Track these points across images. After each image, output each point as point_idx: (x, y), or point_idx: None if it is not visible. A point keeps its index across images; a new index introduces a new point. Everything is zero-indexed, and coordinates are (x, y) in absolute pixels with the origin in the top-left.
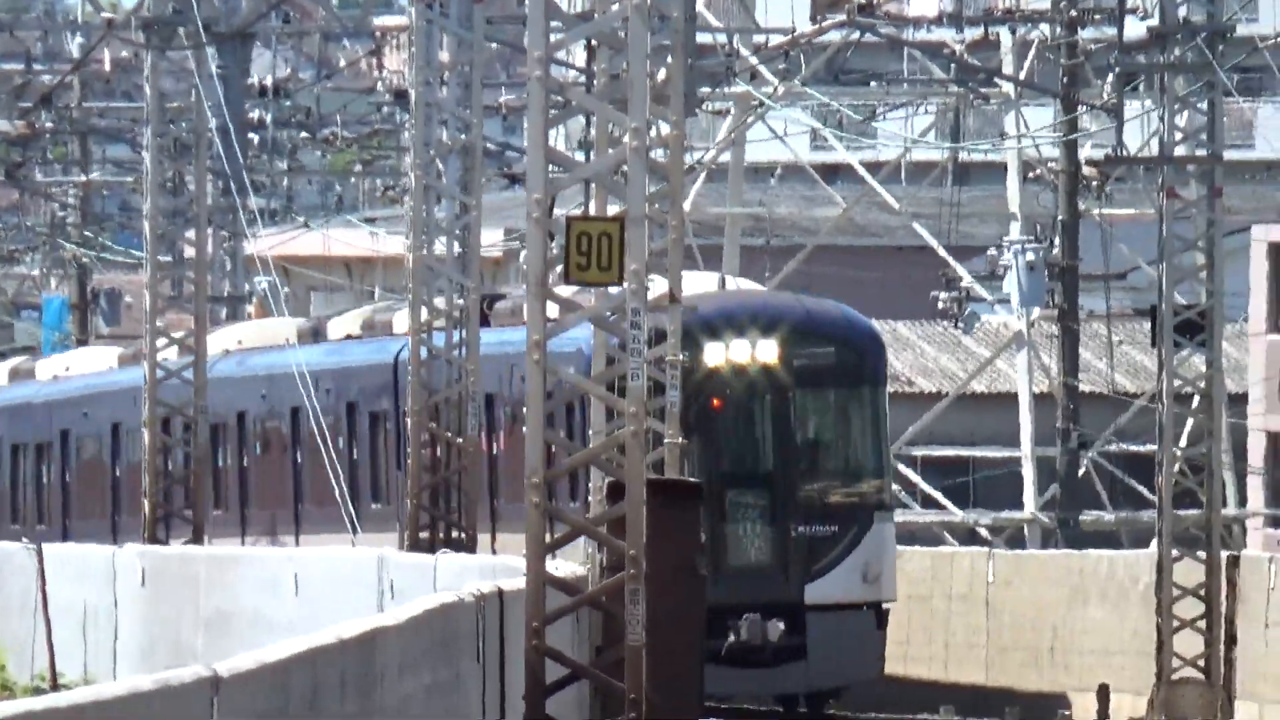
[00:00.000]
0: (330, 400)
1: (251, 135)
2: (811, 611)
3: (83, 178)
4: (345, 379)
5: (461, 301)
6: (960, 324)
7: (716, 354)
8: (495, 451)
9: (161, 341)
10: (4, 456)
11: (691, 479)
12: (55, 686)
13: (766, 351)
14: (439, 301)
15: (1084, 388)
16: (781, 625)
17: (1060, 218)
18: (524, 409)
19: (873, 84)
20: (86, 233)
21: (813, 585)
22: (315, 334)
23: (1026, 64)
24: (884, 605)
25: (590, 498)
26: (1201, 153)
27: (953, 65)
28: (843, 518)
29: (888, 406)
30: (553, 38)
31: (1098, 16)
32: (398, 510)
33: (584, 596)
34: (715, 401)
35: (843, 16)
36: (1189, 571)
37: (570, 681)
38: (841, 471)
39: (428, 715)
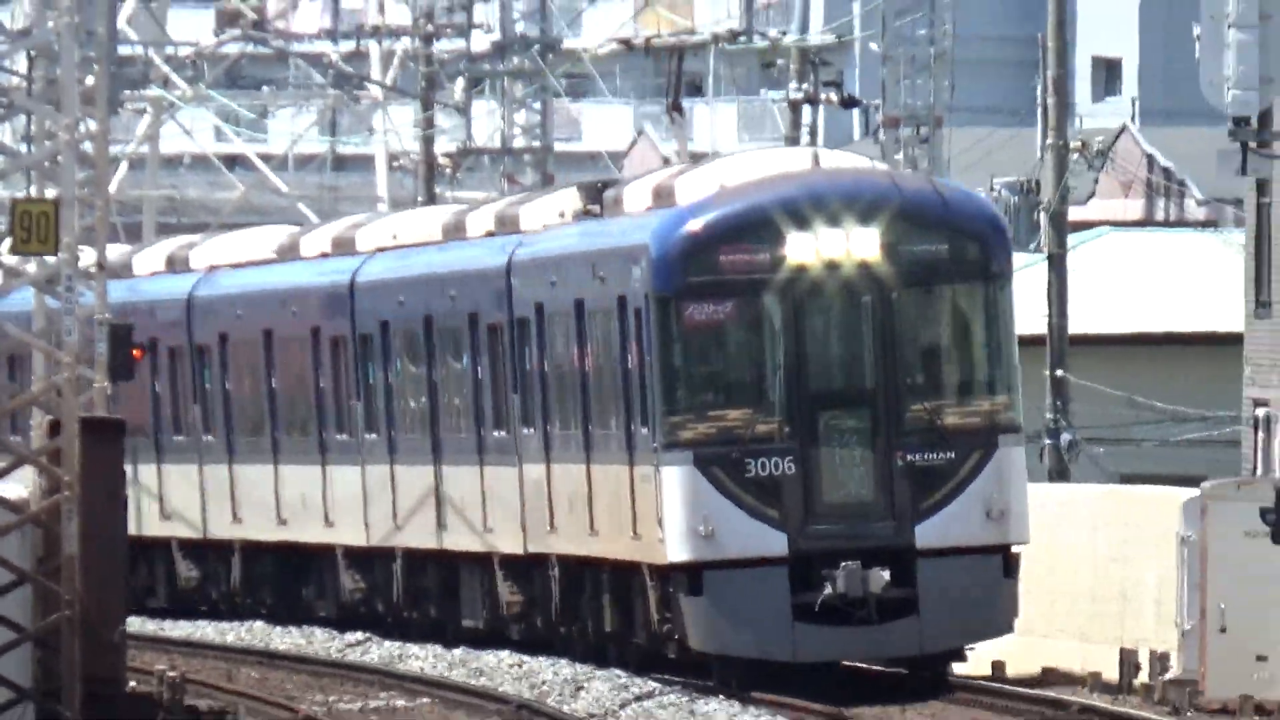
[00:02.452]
0: None
1: None
2: (923, 557)
3: None
4: None
5: None
6: None
7: (803, 247)
8: None
9: None
10: None
11: (116, 417)
12: None
13: (864, 243)
14: None
15: None
16: (886, 574)
17: (420, 199)
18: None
19: (265, 88)
20: None
21: (924, 525)
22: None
23: (391, 71)
24: (1013, 548)
25: (33, 433)
26: (536, 145)
27: (330, 72)
28: (960, 442)
29: (1013, 307)
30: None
31: (449, 31)
32: None
33: (27, 515)
34: (803, 304)
35: (239, 32)
36: None
37: (16, 586)
38: (958, 386)
39: None
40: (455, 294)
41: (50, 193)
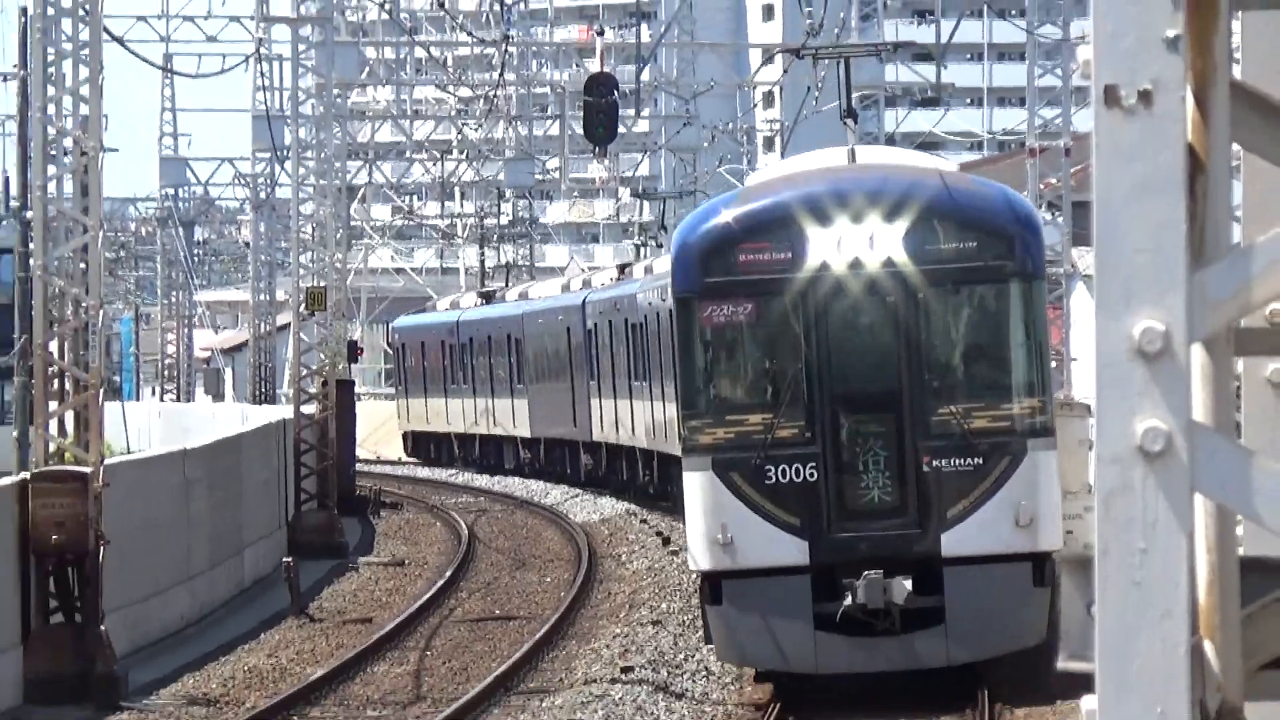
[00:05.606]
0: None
1: None
2: (950, 565)
3: None
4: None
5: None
6: None
7: (826, 245)
8: None
9: None
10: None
11: (350, 379)
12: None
13: (889, 240)
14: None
15: None
16: (908, 584)
17: (478, 288)
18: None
19: (412, 239)
20: None
21: (951, 533)
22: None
23: (466, 231)
24: (1045, 556)
25: (314, 387)
26: (526, 264)
27: (441, 232)
28: (988, 447)
29: (1045, 308)
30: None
31: (490, 218)
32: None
33: (315, 420)
34: (825, 304)
35: (403, 214)
36: None
37: (308, 451)
38: (986, 389)
39: (263, 469)
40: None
41: (321, 283)
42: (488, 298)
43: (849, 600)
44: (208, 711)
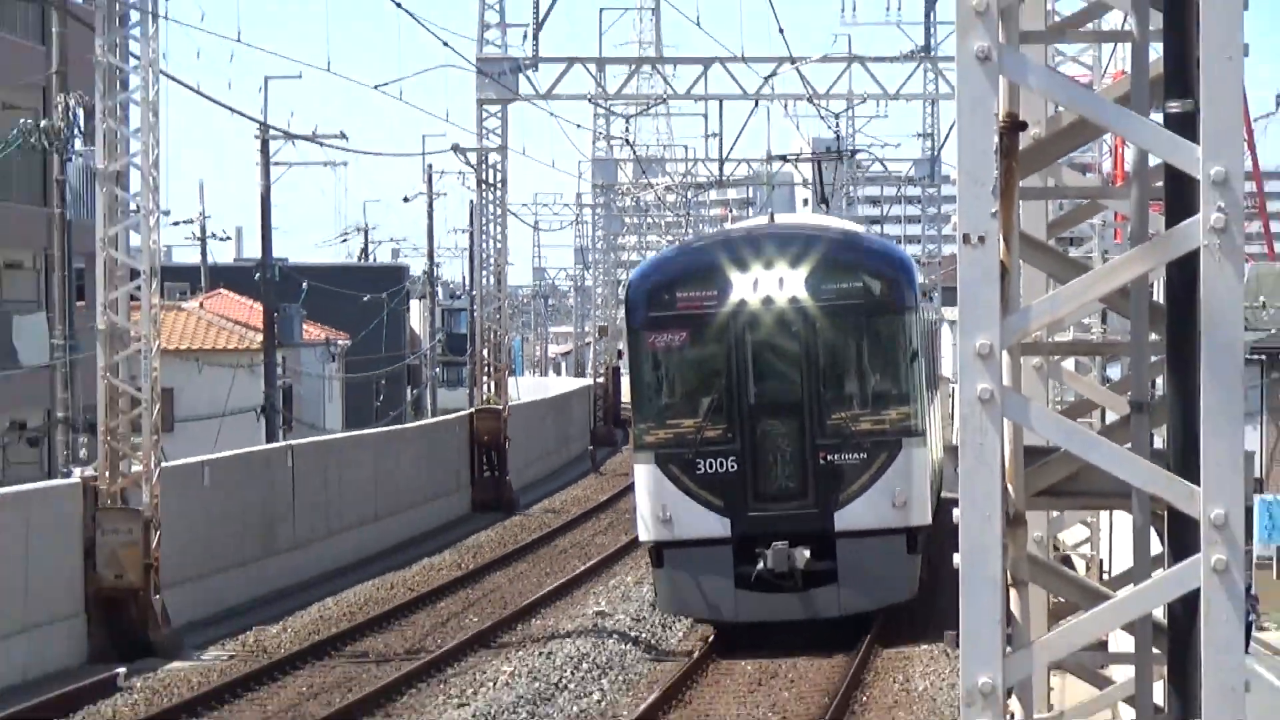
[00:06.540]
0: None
1: None
2: (841, 538)
3: None
4: None
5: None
6: None
7: (743, 286)
8: None
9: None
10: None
11: (617, 366)
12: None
13: (793, 282)
14: None
15: None
16: (807, 553)
17: None
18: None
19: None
20: None
21: (841, 513)
22: None
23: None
24: (916, 530)
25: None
26: None
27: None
28: (870, 445)
29: (917, 334)
30: None
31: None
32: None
33: (603, 384)
34: (742, 333)
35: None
36: None
37: (599, 400)
38: (869, 399)
39: (580, 407)
40: None
41: (604, 324)
42: None
43: (761, 565)
44: (556, 515)
